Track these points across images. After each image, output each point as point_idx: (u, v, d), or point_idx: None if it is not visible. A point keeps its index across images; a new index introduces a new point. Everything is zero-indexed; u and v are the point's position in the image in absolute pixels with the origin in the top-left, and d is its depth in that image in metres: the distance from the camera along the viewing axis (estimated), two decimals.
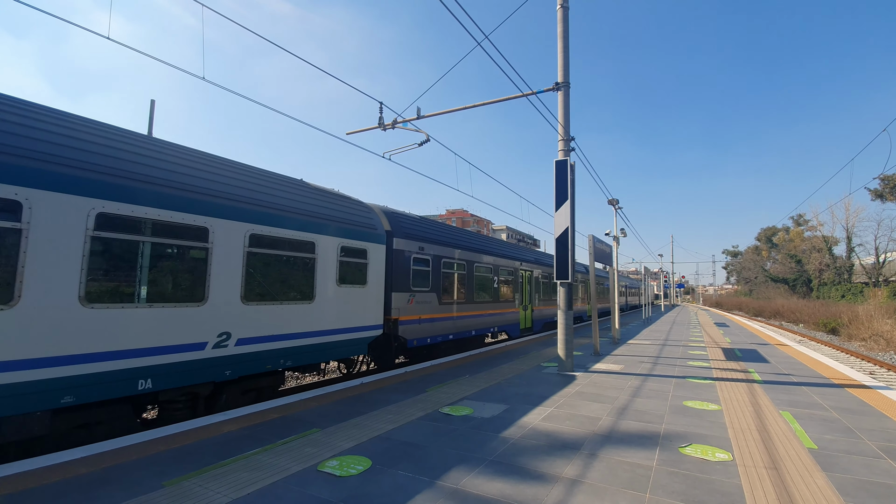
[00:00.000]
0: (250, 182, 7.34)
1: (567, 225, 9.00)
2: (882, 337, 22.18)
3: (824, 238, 59.56)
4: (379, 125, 10.96)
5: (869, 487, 3.75)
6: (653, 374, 8.99)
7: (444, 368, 9.35)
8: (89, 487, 3.58)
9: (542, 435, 5.07)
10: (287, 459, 4.25)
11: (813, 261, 59.66)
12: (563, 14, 9.53)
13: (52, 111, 5.38)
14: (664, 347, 13.52)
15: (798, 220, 69.55)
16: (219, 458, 4.27)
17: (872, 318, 24.88)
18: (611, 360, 10.71)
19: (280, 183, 8.01)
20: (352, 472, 3.95)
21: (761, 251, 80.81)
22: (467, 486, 3.70)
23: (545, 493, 3.60)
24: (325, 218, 8.37)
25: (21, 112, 4.98)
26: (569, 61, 9.50)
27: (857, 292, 47.33)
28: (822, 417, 5.93)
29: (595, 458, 4.35)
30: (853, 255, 54.84)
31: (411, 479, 3.82)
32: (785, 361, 10.96)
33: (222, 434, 4.96)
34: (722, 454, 4.51)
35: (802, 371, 9.54)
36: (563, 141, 9.49)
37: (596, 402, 6.59)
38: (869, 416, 6.02)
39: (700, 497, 3.56)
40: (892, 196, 36.32)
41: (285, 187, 8.02)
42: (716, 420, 5.74)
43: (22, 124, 4.84)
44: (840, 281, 54.29)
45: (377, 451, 4.51)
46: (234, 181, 7.05)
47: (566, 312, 9.15)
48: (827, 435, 5.18)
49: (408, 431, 5.16)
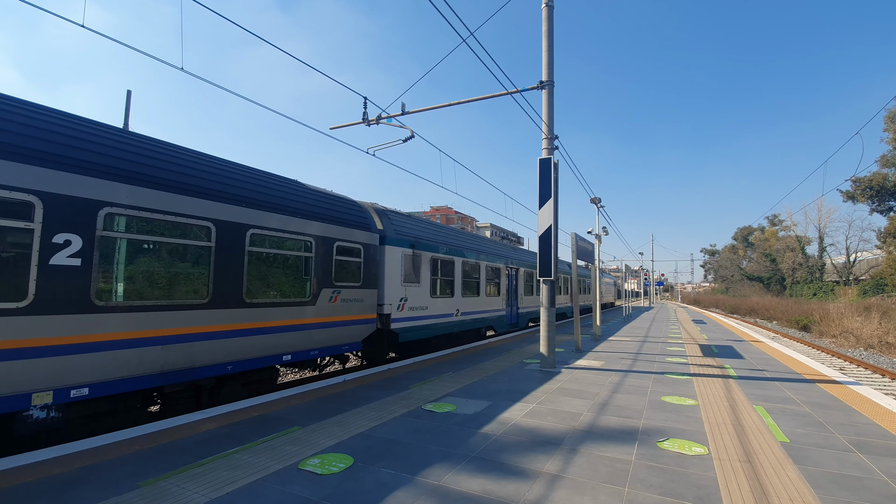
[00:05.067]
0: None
1: (550, 223, 9.07)
2: (852, 334, 22.97)
3: (797, 238, 61.42)
4: (363, 120, 10.86)
5: (839, 480, 3.89)
6: (633, 370, 9.15)
7: (428, 365, 9.35)
8: (63, 488, 3.48)
9: (524, 431, 5.11)
10: (267, 458, 4.20)
11: (786, 260, 61.43)
12: (547, 13, 9.57)
13: None
14: (644, 344, 13.76)
15: (773, 220, 71.59)
16: (197, 457, 4.19)
17: (843, 316, 25.74)
18: (592, 357, 10.86)
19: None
20: (333, 470, 3.92)
21: (738, 250, 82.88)
22: (449, 483, 3.71)
23: (526, 488, 3.63)
24: None
25: None
26: (553, 60, 9.55)
27: (829, 290, 48.93)
28: (794, 412, 6.12)
29: (576, 454, 4.41)
30: (825, 255, 56.73)
31: (393, 477, 3.81)
32: (759, 357, 11.27)
33: (201, 433, 4.87)
34: (698, 448, 4.61)
35: (776, 367, 9.83)
36: (546, 139, 9.54)
37: (577, 398, 6.67)
38: (839, 410, 6.23)
39: (677, 490, 3.63)
40: (863, 198, 37.58)
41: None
42: (693, 415, 5.87)
43: None
44: (812, 279, 56.02)
45: (359, 448, 4.49)
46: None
47: (549, 310, 9.23)
48: (799, 429, 5.34)
49: (390, 428, 5.14)
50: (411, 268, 11.51)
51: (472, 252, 15.10)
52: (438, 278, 12.93)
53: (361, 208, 10.09)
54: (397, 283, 10.88)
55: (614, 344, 13.71)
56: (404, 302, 11.08)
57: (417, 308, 11.67)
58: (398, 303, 10.85)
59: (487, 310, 16.02)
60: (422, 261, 12.00)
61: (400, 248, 11.07)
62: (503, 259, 17.70)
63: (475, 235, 17.25)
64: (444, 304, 13.13)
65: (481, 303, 15.57)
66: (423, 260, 12.08)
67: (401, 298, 10.97)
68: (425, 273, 12.17)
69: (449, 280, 13.53)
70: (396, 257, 10.92)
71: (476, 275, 15.30)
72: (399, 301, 10.89)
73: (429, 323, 12.22)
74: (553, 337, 9.21)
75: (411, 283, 11.47)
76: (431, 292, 12.43)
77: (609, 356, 11.04)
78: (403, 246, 11.22)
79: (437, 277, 12.82)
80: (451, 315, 13.46)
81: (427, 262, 12.26)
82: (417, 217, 13.34)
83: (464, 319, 14.30)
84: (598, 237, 17.25)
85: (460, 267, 14.19)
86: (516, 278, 18.95)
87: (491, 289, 16.49)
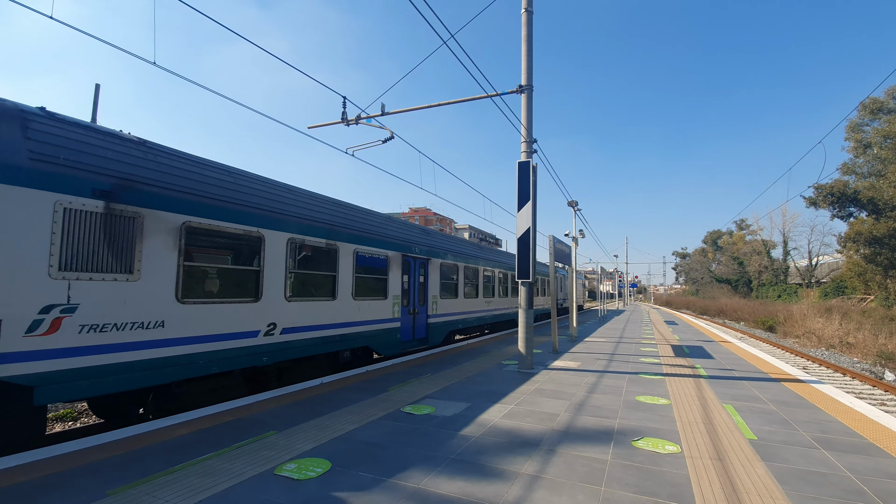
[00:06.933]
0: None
1: (529, 225, 9.17)
2: (814, 334, 23.97)
3: (763, 242, 63.85)
4: (342, 120, 10.76)
5: (805, 476, 4.04)
6: (608, 370, 9.32)
7: (407, 367, 9.31)
8: (28, 497, 3.32)
9: (502, 432, 5.14)
10: (242, 463, 4.10)
11: (753, 263, 63.73)
12: (527, 18, 9.69)
13: None
14: (619, 344, 14.04)
15: (741, 224, 74.13)
16: (168, 464, 4.06)
17: (805, 317, 26.87)
18: (569, 358, 11.02)
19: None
20: (310, 475, 3.86)
21: (707, 253, 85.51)
22: (428, 486, 3.70)
23: (505, 489, 3.66)
24: None
25: None
26: (532, 64, 9.67)
27: (792, 292, 50.97)
28: (761, 410, 6.34)
29: (553, 454, 4.46)
30: (789, 258, 59.14)
31: (372, 480, 3.78)
32: (728, 357, 11.64)
33: (173, 438, 4.72)
34: (671, 447, 4.73)
35: (743, 366, 10.17)
36: (525, 143, 9.65)
37: (555, 399, 6.76)
38: (803, 408, 6.49)
39: (651, 489, 3.72)
40: (824, 204, 39.21)
41: None
42: (666, 414, 6.02)
43: None
44: (777, 282, 58.28)
45: (337, 452, 4.43)
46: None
47: (527, 311, 9.33)
48: (766, 426, 5.54)
49: (369, 431, 5.10)
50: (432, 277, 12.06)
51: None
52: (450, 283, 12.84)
53: None
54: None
55: (590, 345, 13.95)
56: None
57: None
58: None
59: (350, 322, 9.80)
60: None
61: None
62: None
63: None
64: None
65: (339, 311, 9.44)
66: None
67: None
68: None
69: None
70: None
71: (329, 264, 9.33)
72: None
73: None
74: (531, 338, 9.30)
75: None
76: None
77: (585, 357, 11.22)
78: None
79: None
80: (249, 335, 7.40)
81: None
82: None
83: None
84: (574, 240, 17.54)
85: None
86: (425, 272, 13.06)
87: (365, 289, 10.36)
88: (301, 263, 8.59)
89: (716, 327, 27.56)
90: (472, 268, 16.24)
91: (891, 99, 37.79)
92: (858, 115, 38.95)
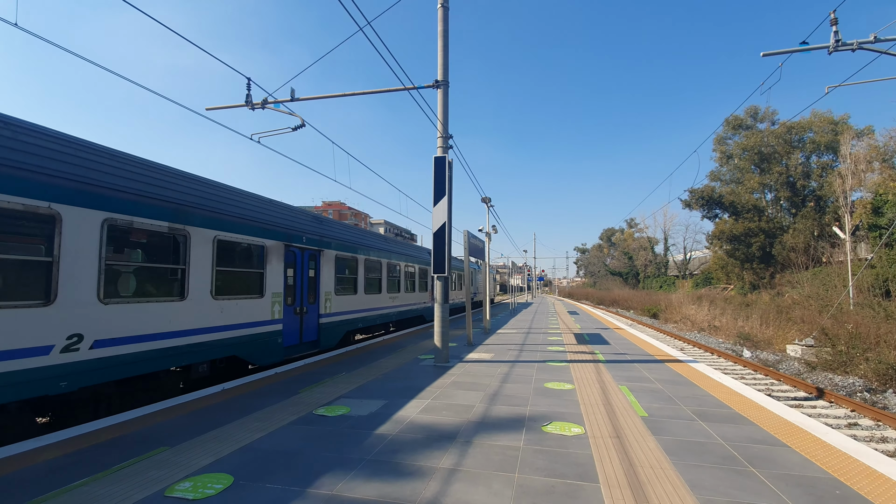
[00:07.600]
0: None
1: (445, 220, 9.24)
2: (689, 319, 27.42)
3: (648, 238, 71.58)
4: (247, 103, 9.95)
5: (689, 446, 4.55)
6: (519, 360, 9.76)
7: (321, 366, 8.91)
8: None
9: (419, 428, 5.11)
10: (126, 486, 3.58)
11: (640, 257, 71.22)
12: (443, 13, 9.71)
13: None
14: (528, 335, 14.80)
15: (630, 223, 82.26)
16: (36, 492, 3.41)
17: (681, 305, 30.64)
18: (483, 350, 11.35)
19: None
20: (209, 493, 3.48)
21: (603, 249, 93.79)
22: (343, 491, 3.54)
23: (423, 486, 3.62)
24: None
25: None
26: (448, 60, 9.72)
27: (671, 283, 57.80)
28: (650, 389, 7.05)
29: (470, 446, 4.53)
30: (668, 253, 67.03)
31: (281, 492, 3.52)
32: (621, 343, 12.83)
33: (40, 463, 3.99)
34: (577, 429, 5.06)
35: (634, 350, 11.26)
36: (441, 138, 9.69)
37: (470, 391, 6.89)
38: (683, 385, 7.34)
39: (560, 470, 3.92)
40: (696, 206, 45.19)
41: None
42: (571, 398, 6.43)
43: None
44: (659, 274, 65.77)
45: (240, 464, 4.07)
46: None
47: (442, 305, 9.41)
48: (654, 404, 6.16)
49: (277, 438, 4.76)
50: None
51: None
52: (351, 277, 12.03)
53: None
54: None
55: (503, 336, 14.52)
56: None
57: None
58: None
59: None
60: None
61: None
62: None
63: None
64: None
65: (190, 314, 7.51)
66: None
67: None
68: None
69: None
70: None
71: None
72: None
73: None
74: (447, 332, 9.41)
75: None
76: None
77: (498, 348, 11.64)
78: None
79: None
80: None
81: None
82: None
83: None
84: (488, 235, 18.09)
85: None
86: (315, 265, 11.51)
87: (231, 286, 8.56)
88: (128, 253, 6.79)
89: (611, 315, 30.29)
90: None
91: (749, 117, 44.43)
92: (724, 130, 45.25)
